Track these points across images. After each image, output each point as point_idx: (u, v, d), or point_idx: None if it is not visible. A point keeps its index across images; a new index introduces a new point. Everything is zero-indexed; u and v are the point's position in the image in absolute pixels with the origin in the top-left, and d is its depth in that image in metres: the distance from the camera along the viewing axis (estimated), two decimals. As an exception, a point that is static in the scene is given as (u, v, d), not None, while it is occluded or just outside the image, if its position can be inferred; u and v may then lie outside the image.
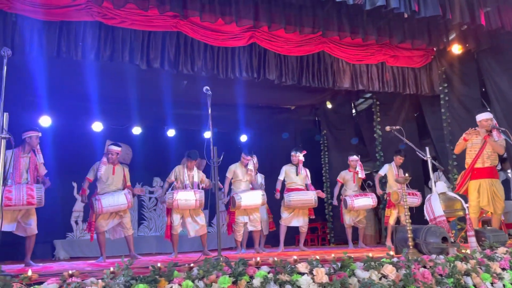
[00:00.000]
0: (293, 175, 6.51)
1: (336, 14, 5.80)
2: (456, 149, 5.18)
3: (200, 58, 6.02)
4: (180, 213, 5.69)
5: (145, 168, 9.03)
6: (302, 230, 6.53)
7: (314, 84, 6.85)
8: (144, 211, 9.13)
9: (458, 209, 3.12)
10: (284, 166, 6.65)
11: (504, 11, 5.75)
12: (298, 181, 6.51)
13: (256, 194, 5.98)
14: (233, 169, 6.30)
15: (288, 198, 6.26)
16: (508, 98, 6.40)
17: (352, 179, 6.97)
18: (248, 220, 6.11)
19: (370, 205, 6.59)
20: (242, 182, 6.24)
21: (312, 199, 6.24)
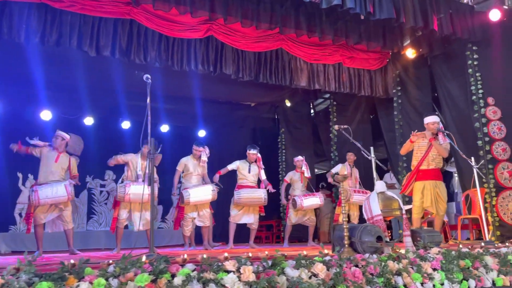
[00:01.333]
0: (245, 171, 6.43)
1: (294, 11, 5.77)
2: (402, 150, 5.27)
3: (154, 48, 5.83)
4: (128, 207, 5.49)
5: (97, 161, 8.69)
6: (252, 227, 6.47)
7: (271, 81, 6.82)
8: (94, 205, 8.82)
9: (396, 209, 3.15)
10: (238, 161, 6.55)
11: (456, 18, 5.92)
12: (249, 178, 6.43)
13: (206, 189, 5.85)
14: (183, 162, 6.13)
15: (238, 195, 6.17)
16: (458, 104, 6.60)
17: (299, 179, 6.97)
18: (197, 216, 5.97)
19: (318, 204, 6.61)
20: (194, 176, 6.07)
21: (262, 197, 6.18)
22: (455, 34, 5.91)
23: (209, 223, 6.12)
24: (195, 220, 6.00)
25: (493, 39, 6.13)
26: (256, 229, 6.58)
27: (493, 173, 5.82)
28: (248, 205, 6.30)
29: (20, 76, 7.02)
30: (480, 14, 6.13)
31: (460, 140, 6.37)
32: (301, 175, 6.98)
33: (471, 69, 6.20)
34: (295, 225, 7.44)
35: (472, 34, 6.05)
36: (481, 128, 5.98)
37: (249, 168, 6.46)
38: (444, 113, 6.82)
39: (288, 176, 7.16)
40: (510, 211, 5.73)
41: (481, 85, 6.11)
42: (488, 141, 5.93)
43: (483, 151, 5.91)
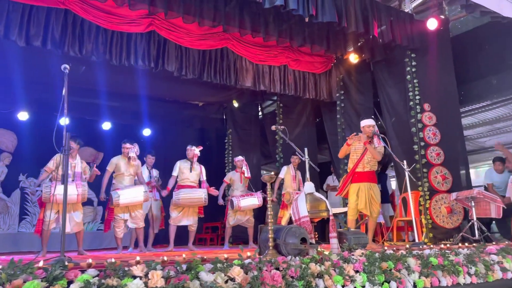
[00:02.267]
0: (186, 171, 6.26)
1: (238, 10, 5.69)
2: (340, 154, 5.33)
3: (91, 41, 5.56)
4: (56, 208, 5.17)
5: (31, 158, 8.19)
6: (191, 229, 6.30)
7: (216, 80, 6.71)
8: (27, 205, 8.30)
9: (323, 210, 3.14)
10: (178, 162, 6.35)
11: (396, 26, 6.07)
12: (191, 178, 6.26)
13: (138, 190, 5.61)
14: (114, 162, 5.84)
15: (177, 196, 5.98)
16: (397, 109, 6.79)
17: (239, 179, 6.90)
18: (129, 217, 5.73)
19: (256, 205, 6.56)
20: (125, 176, 5.80)
21: (202, 197, 6.02)
22: (395, 41, 6.06)
23: (143, 224, 5.88)
24: (128, 222, 5.74)
25: (430, 47, 6.37)
26: (195, 231, 6.41)
27: (427, 176, 6.02)
28: (188, 205, 6.13)
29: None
30: (419, 23, 6.34)
31: (398, 145, 6.57)
32: (240, 175, 6.91)
33: (409, 76, 6.40)
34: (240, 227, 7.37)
35: (411, 41, 6.24)
36: (417, 133, 6.18)
37: (191, 167, 6.29)
38: (385, 118, 6.99)
39: (227, 177, 7.08)
40: (442, 214, 5.94)
41: (418, 91, 6.31)
42: (423, 146, 6.13)
43: (418, 155, 6.11)
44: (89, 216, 8.86)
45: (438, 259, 3.03)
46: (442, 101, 6.29)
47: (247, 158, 9.50)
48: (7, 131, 8.21)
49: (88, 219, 8.79)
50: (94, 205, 8.97)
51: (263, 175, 6.37)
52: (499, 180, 6.15)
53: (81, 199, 5.13)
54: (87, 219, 8.76)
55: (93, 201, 8.93)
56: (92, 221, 8.91)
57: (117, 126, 9.21)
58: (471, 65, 6.60)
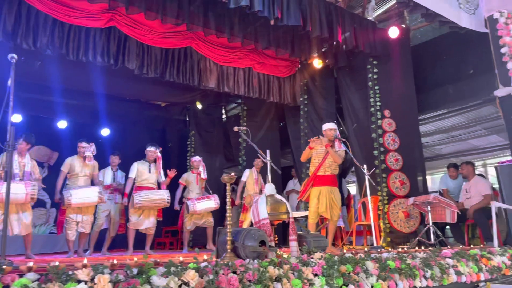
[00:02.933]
0: (145, 171, 6.03)
1: (203, 9, 5.59)
2: (302, 157, 5.33)
3: (47, 34, 5.30)
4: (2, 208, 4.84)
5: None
6: (149, 232, 6.08)
7: (178, 80, 6.58)
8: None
9: (283, 212, 3.09)
10: (136, 163, 6.12)
11: (359, 33, 6.16)
12: (150, 179, 6.05)
13: (92, 191, 5.37)
14: (69, 162, 5.59)
15: (138, 198, 5.72)
16: (358, 115, 6.89)
17: (195, 180, 6.70)
18: (80, 220, 5.47)
19: (213, 208, 6.42)
20: (80, 177, 5.56)
21: (165, 198, 5.83)
22: (358, 48, 6.14)
23: (89, 230, 5.64)
24: (78, 225, 5.48)
25: (392, 55, 6.51)
26: (153, 234, 6.21)
27: (386, 181, 6.12)
28: (149, 208, 5.94)
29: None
30: (381, 31, 6.46)
31: (359, 150, 6.66)
32: (197, 176, 6.69)
33: (371, 82, 6.51)
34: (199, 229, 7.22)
35: (374, 49, 6.34)
36: (377, 138, 6.28)
37: (149, 168, 6.08)
38: (347, 123, 7.08)
39: (182, 178, 6.79)
40: (400, 219, 6.05)
41: (379, 98, 6.42)
42: (383, 151, 6.23)
43: (378, 161, 6.20)
44: (41, 219, 8.43)
45: (396, 263, 3.04)
46: (401, 108, 6.43)
47: (210, 161, 9.41)
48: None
49: (40, 222, 8.37)
50: (47, 207, 8.54)
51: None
52: (453, 186, 6.35)
53: (30, 199, 4.82)
54: (39, 222, 8.34)
55: (46, 202, 8.52)
56: (44, 223, 8.49)
57: (74, 124, 8.84)
58: (430, 74, 6.81)
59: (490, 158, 8.21)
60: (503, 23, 4.91)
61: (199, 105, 9.15)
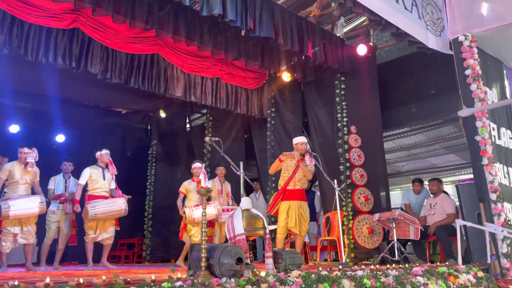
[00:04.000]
0: (99, 178, 5.66)
1: (173, 15, 5.43)
2: (270, 170, 5.25)
3: (4, 32, 4.95)
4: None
5: None
6: (107, 242, 5.72)
7: (143, 87, 6.36)
8: None
9: (259, 228, 2.98)
10: (88, 168, 5.74)
11: (328, 48, 6.21)
12: (103, 187, 5.68)
13: (33, 201, 5.01)
14: (8, 168, 5.21)
15: (93, 210, 5.36)
16: (324, 130, 6.93)
17: (195, 189, 6.08)
18: (19, 231, 5.07)
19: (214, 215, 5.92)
20: (20, 185, 5.19)
21: (123, 208, 5.52)
22: (326, 63, 6.19)
23: (34, 240, 5.28)
24: (17, 236, 5.09)
25: (359, 72, 6.62)
26: (111, 245, 5.87)
27: (351, 197, 6.15)
28: (106, 219, 5.61)
29: None
30: (349, 48, 6.57)
31: (324, 165, 6.66)
32: (197, 184, 6.03)
33: (338, 98, 6.57)
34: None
35: (342, 65, 6.42)
36: (343, 154, 6.33)
37: (103, 174, 5.72)
38: (312, 138, 7.09)
39: (183, 187, 6.25)
40: (364, 234, 6.09)
41: (346, 113, 6.49)
42: (348, 167, 6.28)
43: (343, 176, 6.24)
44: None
45: (371, 281, 3.00)
46: (367, 125, 6.53)
47: (171, 172, 9.15)
48: None
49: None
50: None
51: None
52: (415, 201, 6.48)
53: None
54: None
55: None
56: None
57: (27, 129, 8.32)
58: (394, 92, 6.98)
59: (447, 176, 8.50)
60: (467, 46, 5.10)
61: (163, 114, 8.90)
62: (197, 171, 6.11)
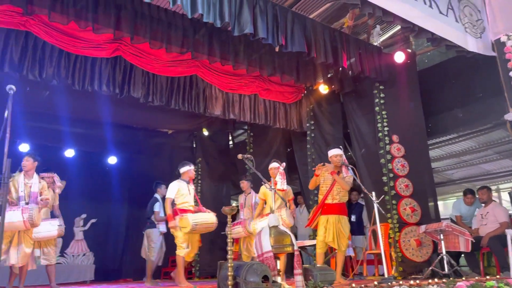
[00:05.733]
0: (186, 192, 5.45)
1: (207, 37, 5.62)
2: (310, 185, 5.22)
3: (52, 65, 5.34)
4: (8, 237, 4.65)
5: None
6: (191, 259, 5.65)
7: (184, 108, 6.58)
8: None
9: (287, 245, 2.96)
10: (175, 182, 5.52)
11: (364, 58, 6.13)
12: (190, 201, 5.47)
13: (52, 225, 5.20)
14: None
15: (194, 220, 5.07)
16: (366, 140, 6.79)
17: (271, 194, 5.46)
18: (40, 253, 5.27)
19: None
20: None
21: (215, 221, 5.29)
22: (363, 73, 6.10)
23: (55, 261, 5.48)
24: (40, 258, 5.28)
25: (398, 80, 6.45)
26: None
27: (396, 208, 5.95)
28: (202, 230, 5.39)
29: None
30: (387, 56, 6.44)
31: (368, 176, 6.54)
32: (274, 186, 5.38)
33: (378, 107, 6.44)
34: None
35: (380, 74, 6.30)
36: (386, 164, 6.16)
37: (188, 188, 5.54)
38: (354, 149, 6.98)
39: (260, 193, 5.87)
40: (412, 247, 5.85)
41: (386, 122, 6.34)
42: (392, 177, 6.09)
43: (387, 187, 6.06)
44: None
45: (408, 297, 2.89)
46: (410, 133, 6.33)
47: (216, 189, 9.31)
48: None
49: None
50: (54, 237, 8.46)
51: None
52: (466, 212, 6.15)
53: (29, 226, 4.62)
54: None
55: (53, 232, 8.45)
56: (50, 254, 8.37)
57: (81, 153, 8.88)
58: (438, 98, 6.72)
59: (503, 183, 8.00)
60: (510, 46, 4.84)
61: (206, 132, 9.13)
62: (274, 171, 5.59)
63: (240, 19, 4.77)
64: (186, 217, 5.11)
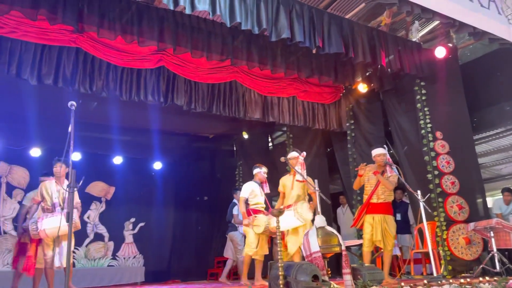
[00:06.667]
0: (258, 193, 5.50)
1: (246, 44, 5.76)
2: (354, 185, 5.24)
3: (101, 78, 5.65)
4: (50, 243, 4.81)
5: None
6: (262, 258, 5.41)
7: (224, 113, 6.74)
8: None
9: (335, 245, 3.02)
10: (249, 183, 5.63)
11: (403, 55, 6.07)
12: (262, 202, 5.52)
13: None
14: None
15: (266, 222, 5.07)
16: (409, 138, 6.70)
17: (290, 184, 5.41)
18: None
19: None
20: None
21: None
22: (403, 70, 6.04)
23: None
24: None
25: (439, 75, 6.33)
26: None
27: (443, 206, 5.85)
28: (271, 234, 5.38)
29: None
30: (427, 51, 6.33)
31: (412, 173, 6.45)
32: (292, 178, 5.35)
33: (419, 104, 6.35)
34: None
35: (420, 70, 6.21)
36: (430, 161, 6.06)
37: (260, 190, 5.57)
38: (396, 147, 6.91)
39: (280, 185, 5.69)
40: (460, 245, 5.74)
41: (429, 119, 6.24)
42: (437, 175, 5.99)
43: (433, 185, 5.97)
44: (100, 252, 8.78)
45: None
46: (454, 129, 6.20)
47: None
48: (19, 168, 8.29)
49: (99, 255, 8.72)
50: (105, 240, 8.91)
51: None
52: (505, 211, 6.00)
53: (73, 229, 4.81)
54: (98, 255, 8.70)
55: (104, 236, 8.89)
56: (103, 256, 8.82)
57: (128, 160, 9.27)
58: (483, 92, 6.54)
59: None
60: (558, 36, 4.67)
61: (246, 135, 9.28)
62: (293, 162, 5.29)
63: (277, 24, 4.88)
64: (260, 217, 5.19)
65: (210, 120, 8.40)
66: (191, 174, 10.04)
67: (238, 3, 4.60)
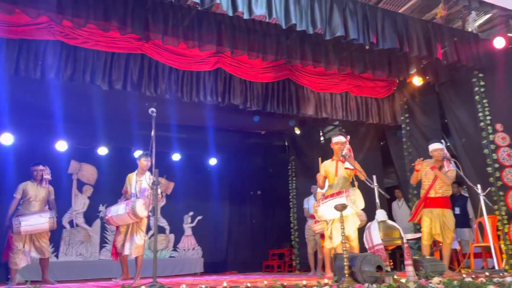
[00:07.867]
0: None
1: (299, 42, 5.91)
2: (412, 180, 5.26)
3: (164, 81, 6.02)
4: (123, 230, 5.41)
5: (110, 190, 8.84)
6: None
7: (278, 111, 6.93)
8: (107, 233, 8.89)
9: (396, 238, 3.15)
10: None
11: (460, 46, 5.99)
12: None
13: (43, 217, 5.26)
14: (21, 188, 5.49)
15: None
16: (467, 131, 6.60)
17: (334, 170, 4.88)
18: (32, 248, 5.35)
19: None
20: (33, 202, 5.47)
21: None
22: (460, 61, 5.97)
23: (49, 254, 5.61)
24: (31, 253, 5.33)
25: (498, 66, 6.17)
26: None
27: (504, 200, 5.74)
28: None
29: (37, 108, 7.29)
30: (485, 42, 6.19)
31: (471, 167, 6.35)
32: (336, 164, 4.84)
33: (478, 96, 6.23)
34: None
35: (478, 61, 6.10)
36: (490, 154, 5.95)
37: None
38: (454, 140, 6.81)
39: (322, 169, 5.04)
40: (523, 239, 5.61)
41: (488, 111, 6.11)
42: (498, 168, 5.88)
43: (493, 178, 5.86)
44: (162, 244, 9.30)
45: (522, 288, 2.92)
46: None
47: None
48: (88, 165, 8.94)
49: (161, 247, 9.24)
50: (166, 233, 9.41)
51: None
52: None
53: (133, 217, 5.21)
54: (160, 247, 9.21)
55: (165, 229, 9.40)
56: (164, 248, 9.33)
57: (186, 156, 9.70)
58: (547, 81, 6.28)
59: None
60: None
61: (298, 131, 9.43)
62: (340, 147, 4.84)
63: (331, 23, 5.01)
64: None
65: (262, 117, 8.62)
66: (244, 170, 10.37)
67: (293, 5, 4.78)
